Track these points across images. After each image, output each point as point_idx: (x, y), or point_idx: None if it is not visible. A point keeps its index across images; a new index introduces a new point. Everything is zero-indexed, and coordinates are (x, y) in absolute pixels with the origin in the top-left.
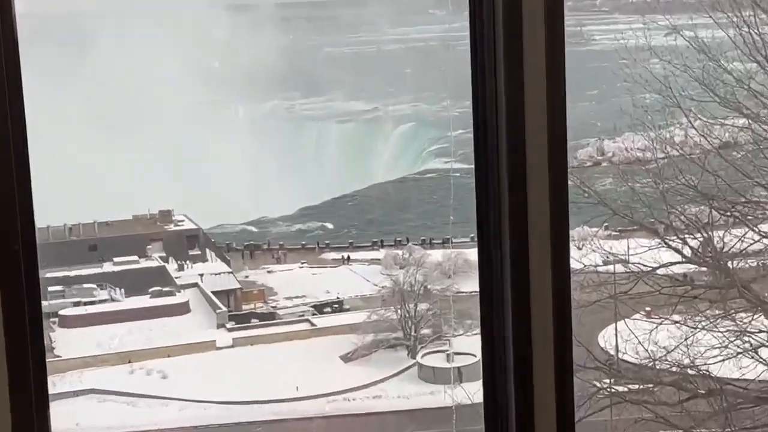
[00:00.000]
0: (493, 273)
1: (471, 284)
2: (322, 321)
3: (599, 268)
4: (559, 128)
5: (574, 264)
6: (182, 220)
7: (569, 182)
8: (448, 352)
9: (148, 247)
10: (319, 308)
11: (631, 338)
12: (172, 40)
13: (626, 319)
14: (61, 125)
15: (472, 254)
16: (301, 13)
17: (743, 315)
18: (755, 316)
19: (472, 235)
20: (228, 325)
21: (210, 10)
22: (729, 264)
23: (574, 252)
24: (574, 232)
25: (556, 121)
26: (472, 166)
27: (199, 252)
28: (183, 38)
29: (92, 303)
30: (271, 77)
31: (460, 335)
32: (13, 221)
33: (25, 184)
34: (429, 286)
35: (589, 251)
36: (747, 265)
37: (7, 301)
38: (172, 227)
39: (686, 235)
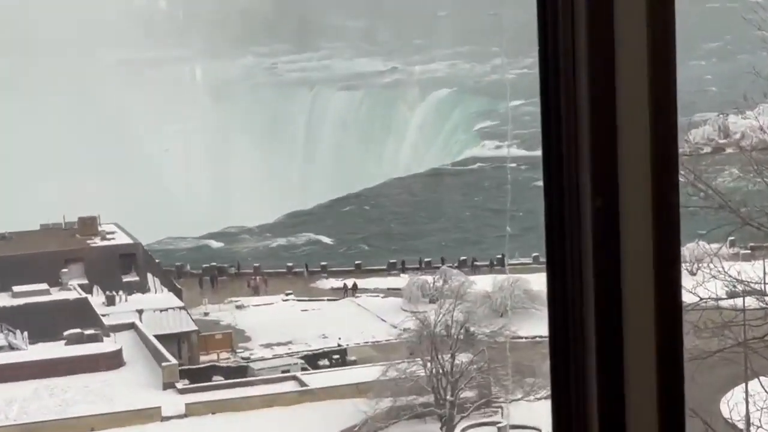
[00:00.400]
0: (569, 311)
1: (534, 326)
2: (315, 379)
3: (722, 303)
4: (665, 100)
5: (685, 297)
6: (113, 232)
7: (679, 178)
8: (500, 425)
9: (63, 270)
10: (312, 360)
11: None
12: None
13: (762, 378)
14: None
15: (536, 282)
16: None
17: None
18: None
19: (536, 254)
20: (179, 385)
21: None
22: None
23: (686, 279)
24: (686, 250)
25: (660, 89)
26: (537, 153)
27: (137, 278)
28: None
29: None
30: (244, 22)
31: (518, 400)
32: None
33: None
34: (472, 329)
35: (707, 278)
36: None
37: None
38: (97, 242)
39: None
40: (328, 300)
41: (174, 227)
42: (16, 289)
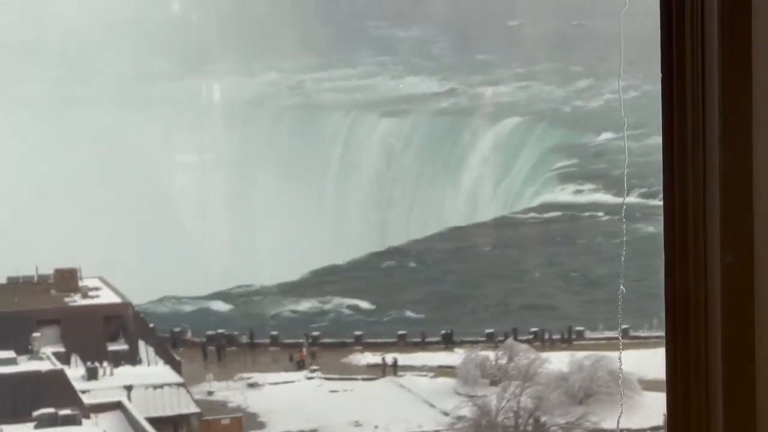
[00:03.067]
0: (690, 403)
1: (625, 416)
2: None
3: None
4: None
5: None
6: (97, 288)
7: None
8: None
9: (35, 335)
10: None
11: None
12: None
13: None
14: None
15: (627, 361)
16: None
17: None
18: None
19: (626, 326)
20: None
21: None
22: None
23: None
24: None
25: None
26: (629, 200)
27: (126, 346)
28: None
29: None
30: (266, 31)
31: None
32: None
33: None
34: (544, 419)
35: None
36: None
37: None
38: (77, 300)
39: None
40: (364, 379)
41: (173, 284)
42: None
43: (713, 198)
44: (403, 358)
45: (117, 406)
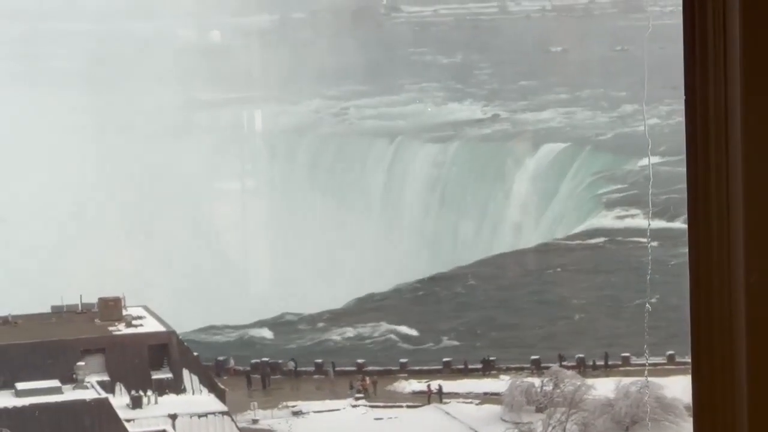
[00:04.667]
0: (717, 427)
1: None
2: None
3: None
4: None
5: None
6: (141, 317)
7: None
8: None
9: (79, 364)
10: None
11: None
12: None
13: None
14: None
15: (672, 387)
16: None
17: None
18: None
19: (671, 352)
20: None
21: None
22: None
23: None
24: None
25: None
26: (676, 225)
27: (171, 375)
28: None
29: None
30: (309, 59)
31: None
32: None
33: None
34: None
35: None
36: None
37: None
38: (121, 329)
39: None
40: (408, 406)
41: (217, 313)
42: (21, 386)
43: (737, 220)
44: (448, 385)
45: None
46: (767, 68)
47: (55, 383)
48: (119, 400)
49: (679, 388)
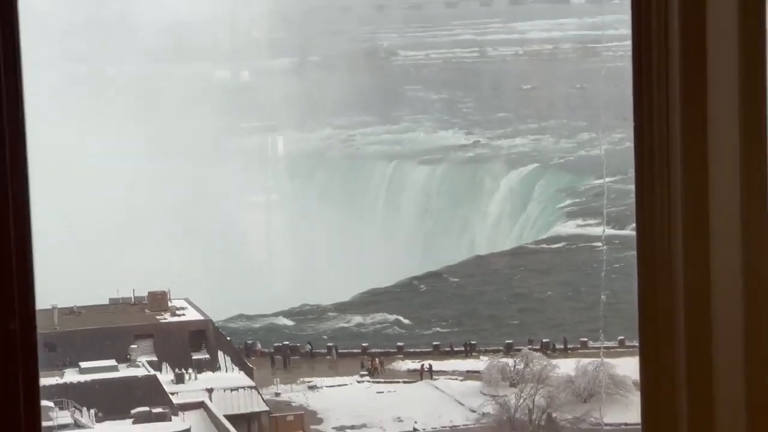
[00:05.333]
0: (661, 404)
1: (621, 413)
2: None
3: None
4: (761, 174)
5: None
6: (183, 308)
7: None
8: None
9: (132, 347)
10: None
11: None
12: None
13: None
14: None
15: (622, 367)
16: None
17: None
18: None
19: (622, 337)
20: None
21: None
22: None
23: None
24: None
25: (754, 162)
26: (626, 233)
27: (208, 356)
28: (189, 40)
29: (47, 430)
30: (323, 93)
31: None
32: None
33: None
34: (554, 415)
35: None
36: None
37: None
38: (167, 318)
39: None
40: (404, 382)
41: (246, 304)
42: (84, 365)
43: (677, 226)
44: (437, 365)
45: (200, 405)
46: (701, 104)
47: (112, 363)
48: (165, 377)
49: (628, 367)
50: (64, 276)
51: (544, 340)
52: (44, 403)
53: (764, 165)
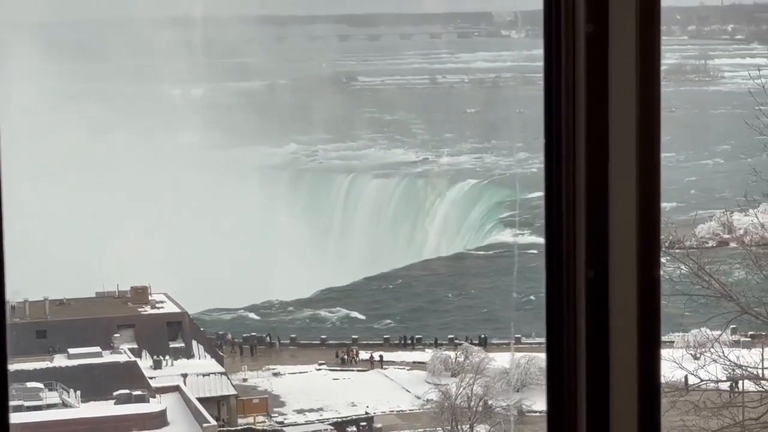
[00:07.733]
0: (564, 392)
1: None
2: None
3: (721, 385)
4: (652, 194)
5: (691, 379)
6: (162, 302)
7: (683, 268)
8: None
9: (115, 335)
10: (341, 427)
11: None
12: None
13: None
14: None
15: None
16: (330, 29)
17: None
18: None
19: None
20: None
21: (215, 16)
22: None
23: (689, 362)
24: (690, 336)
25: (647, 182)
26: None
27: (183, 344)
28: (168, 58)
29: (37, 408)
30: (289, 113)
31: None
32: None
33: None
34: (491, 402)
35: (708, 362)
36: None
37: None
38: (147, 310)
39: None
40: (358, 371)
41: (218, 299)
42: (72, 351)
43: (580, 232)
44: (387, 356)
45: (176, 388)
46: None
47: (97, 349)
48: (144, 363)
49: None
50: (55, 271)
51: (481, 335)
52: (35, 384)
53: (658, 171)
